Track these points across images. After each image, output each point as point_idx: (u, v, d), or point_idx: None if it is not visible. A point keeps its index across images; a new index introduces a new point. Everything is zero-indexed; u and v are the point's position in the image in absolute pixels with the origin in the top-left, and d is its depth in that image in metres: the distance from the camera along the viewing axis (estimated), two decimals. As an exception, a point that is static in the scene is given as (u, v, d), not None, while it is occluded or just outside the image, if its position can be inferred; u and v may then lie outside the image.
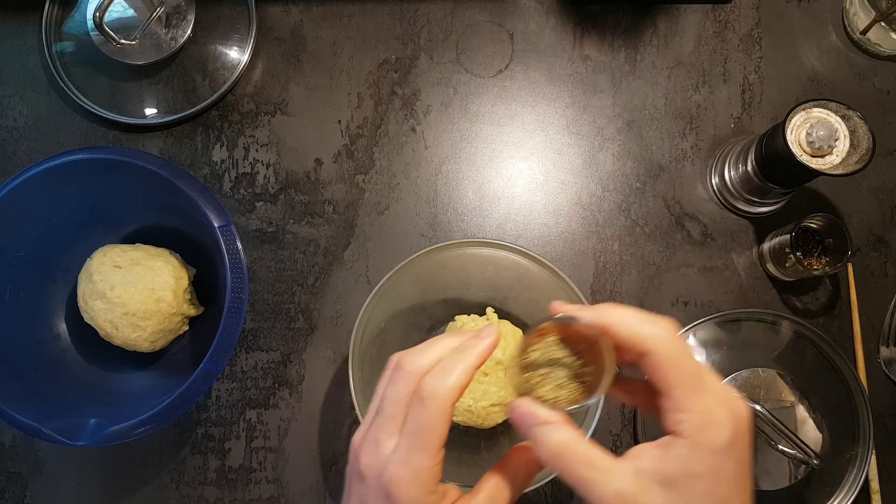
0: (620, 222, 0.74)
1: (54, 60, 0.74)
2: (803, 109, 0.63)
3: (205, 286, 0.71)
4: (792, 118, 0.62)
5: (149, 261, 0.66)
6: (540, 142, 0.75)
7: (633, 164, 0.75)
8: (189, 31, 0.75)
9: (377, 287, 0.64)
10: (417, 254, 0.64)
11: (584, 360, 0.39)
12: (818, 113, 0.63)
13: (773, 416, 0.63)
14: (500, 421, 0.65)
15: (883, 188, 0.74)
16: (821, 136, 0.62)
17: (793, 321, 0.69)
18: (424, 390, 0.37)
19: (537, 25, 0.77)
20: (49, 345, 0.68)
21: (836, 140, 0.62)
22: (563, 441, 0.36)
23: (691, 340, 0.70)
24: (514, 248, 0.65)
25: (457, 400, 0.37)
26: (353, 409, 0.71)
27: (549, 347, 0.39)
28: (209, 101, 0.74)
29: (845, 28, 0.76)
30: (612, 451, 0.71)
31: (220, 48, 0.76)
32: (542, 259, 0.64)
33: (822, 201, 0.74)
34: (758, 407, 0.63)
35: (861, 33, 0.75)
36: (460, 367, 0.37)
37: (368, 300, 0.64)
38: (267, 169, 0.75)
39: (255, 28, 0.75)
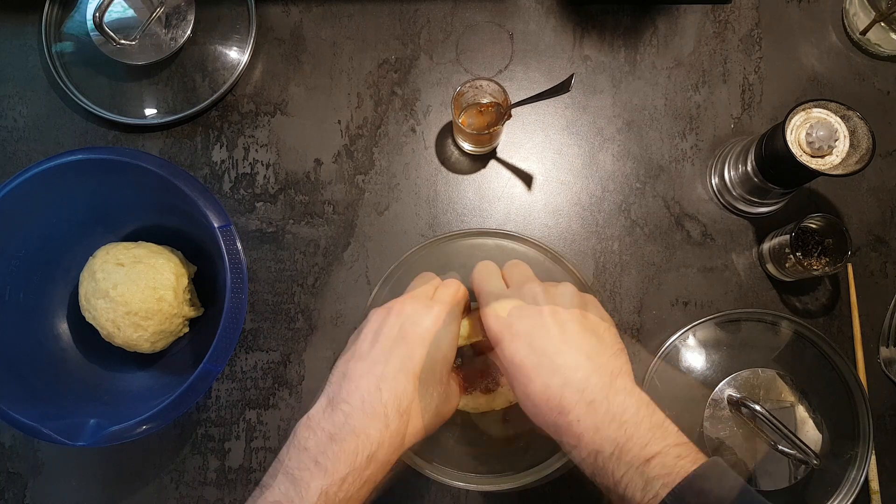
0: (620, 222, 0.74)
1: (54, 60, 0.74)
2: (803, 110, 0.63)
3: (205, 286, 0.71)
4: (792, 118, 0.62)
5: (151, 258, 0.66)
6: (540, 142, 0.75)
7: (632, 164, 0.74)
8: (189, 32, 0.75)
9: (383, 277, 0.65)
10: (422, 244, 0.65)
11: None
12: (818, 113, 0.63)
13: (773, 416, 0.63)
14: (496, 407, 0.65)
15: (883, 188, 0.74)
16: (821, 136, 0.62)
17: (793, 321, 0.69)
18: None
19: (537, 26, 0.77)
20: (49, 345, 0.68)
21: (836, 140, 0.62)
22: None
23: (691, 340, 0.70)
24: (521, 238, 0.66)
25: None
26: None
27: None
28: (209, 101, 0.74)
29: (845, 28, 0.76)
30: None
31: (219, 48, 0.76)
32: (548, 248, 0.65)
33: (822, 201, 0.74)
34: (757, 407, 0.63)
35: (861, 33, 0.75)
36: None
37: (375, 290, 0.66)
38: (267, 169, 0.74)
39: (254, 28, 0.75)
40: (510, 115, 0.68)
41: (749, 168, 0.68)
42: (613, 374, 0.49)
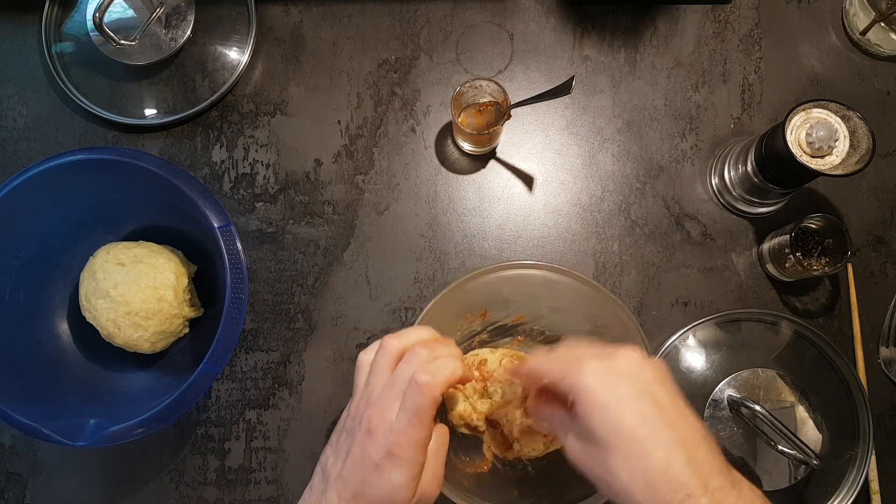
0: (620, 222, 0.74)
1: (54, 61, 0.74)
2: (803, 110, 0.63)
3: (205, 286, 0.71)
4: (792, 118, 0.62)
5: (151, 258, 0.66)
6: (540, 142, 0.75)
7: (632, 164, 0.74)
8: (189, 32, 0.75)
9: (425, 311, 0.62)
10: (460, 279, 0.63)
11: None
12: (818, 113, 0.63)
13: (773, 416, 0.63)
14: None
15: (883, 188, 0.74)
16: (821, 136, 0.62)
17: (793, 321, 0.69)
18: (421, 381, 0.46)
19: (537, 26, 0.77)
20: (49, 345, 0.68)
21: (836, 140, 0.62)
22: None
23: (691, 341, 0.70)
24: (561, 270, 0.64)
25: (442, 392, 0.47)
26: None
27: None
28: (209, 101, 0.74)
29: (845, 28, 0.76)
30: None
31: (219, 48, 0.76)
32: (588, 279, 0.63)
33: (822, 201, 0.74)
34: (757, 407, 0.63)
35: (861, 34, 0.75)
36: (447, 372, 0.47)
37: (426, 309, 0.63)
38: (267, 169, 0.75)
39: (254, 28, 0.75)
40: (510, 115, 0.68)
41: (749, 168, 0.68)
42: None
